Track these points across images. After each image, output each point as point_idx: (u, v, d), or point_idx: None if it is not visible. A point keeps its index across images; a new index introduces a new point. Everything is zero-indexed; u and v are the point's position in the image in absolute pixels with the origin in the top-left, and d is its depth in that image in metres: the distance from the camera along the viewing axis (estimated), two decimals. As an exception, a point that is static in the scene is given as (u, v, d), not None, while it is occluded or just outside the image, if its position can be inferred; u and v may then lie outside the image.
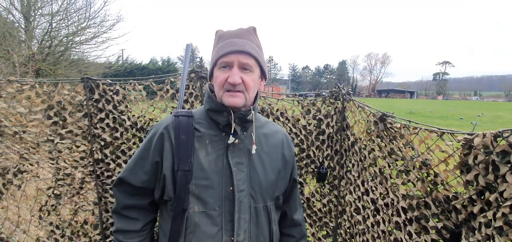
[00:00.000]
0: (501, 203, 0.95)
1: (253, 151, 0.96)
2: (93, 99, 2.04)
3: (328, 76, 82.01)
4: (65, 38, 9.54)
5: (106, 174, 2.12)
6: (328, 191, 2.01)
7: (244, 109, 0.93)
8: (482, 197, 1.05)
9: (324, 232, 2.09)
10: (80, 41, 10.14)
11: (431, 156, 1.28)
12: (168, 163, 0.92)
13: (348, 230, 1.91)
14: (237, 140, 0.95)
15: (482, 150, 1.00)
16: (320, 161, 1.95)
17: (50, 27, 8.85)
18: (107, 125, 2.08)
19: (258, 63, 0.93)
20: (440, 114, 20.82)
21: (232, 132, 0.93)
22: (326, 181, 2.00)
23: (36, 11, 8.95)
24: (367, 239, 1.70)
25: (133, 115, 2.12)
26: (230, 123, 0.92)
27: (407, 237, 1.42)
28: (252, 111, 0.96)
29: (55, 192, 2.01)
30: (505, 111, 26.44)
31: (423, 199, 1.32)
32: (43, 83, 1.91)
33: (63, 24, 9.29)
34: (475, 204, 1.08)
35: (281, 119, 2.00)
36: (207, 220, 0.90)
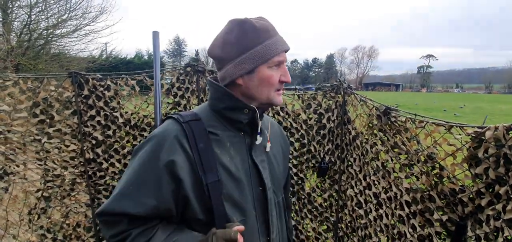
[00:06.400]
0: (511, 196, 0.95)
1: (268, 149, 0.93)
2: (83, 96, 1.93)
3: (317, 69, 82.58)
4: (45, 31, 9.08)
5: (98, 174, 2.02)
6: (328, 185, 2.00)
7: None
8: (491, 190, 1.05)
9: (325, 227, 2.08)
10: (61, 34, 9.67)
11: (437, 149, 1.28)
12: (188, 180, 0.77)
13: (349, 224, 1.91)
14: (262, 138, 0.90)
15: (493, 143, 0.99)
16: (321, 156, 1.93)
17: (29, 19, 8.38)
18: (98, 122, 1.97)
19: None
20: (425, 106, 21.40)
21: (259, 130, 0.88)
22: (326, 176, 1.98)
23: (13, 2, 8.46)
24: (369, 233, 1.70)
25: (126, 112, 2.02)
26: (251, 121, 0.87)
27: (411, 230, 1.42)
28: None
29: (44, 194, 1.90)
30: (485, 103, 27.52)
31: (428, 192, 1.32)
32: (27, 78, 1.78)
33: (43, 16, 8.81)
34: (483, 197, 1.08)
35: (281, 114, 1.96)
36: (246, 227, 0.82)
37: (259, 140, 0.88)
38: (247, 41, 0.81)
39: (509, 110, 19.55)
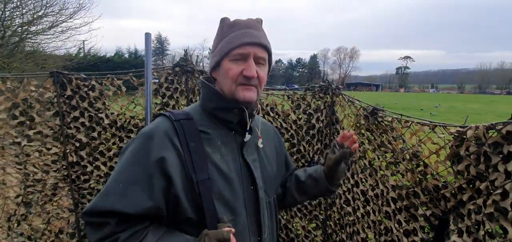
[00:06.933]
0: (491, 191, 1.02)
1: (260, 145, 0.94)
2: (65, 96, 1.85)
3: (301, 69, 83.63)
4: (20, 28, 8.60)
5: (82, 177, 1.95)
6: (317, 184, 2.04)
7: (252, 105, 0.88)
8: (472, 186, 1.12)
9: (314, 225, 2.12)
10: (36, 31, 9.20)
11: (421, 147, 1.34)
12: (178, 178, 0.76)
13: (338, 222, 1.95)
14: (250, 136, 0.90)
15: (474, 141, 1.06)
16: (311, 155, 1.97)
17: (3, 15, 7.91)
18: (82, 124, 1.90)
19: (269, 58, 0.89)
20: (403, 106, 22.24)
21: (248, 128, 0.88)
22: (315, 175, 2.02)
23: (-16, -3, 7.95)
24: (357, 229, 1.76)
25: (112, 113, 1.96)
26: (241, 121, 0.87)
27: (396, 225, 1.48)
28: (258, 106, 0.93)
29: (24, 199, 1.81)
30: (459, 102, 29.05)
31: (413, 189, 1.38)
32: (7, 78, 1.69)
33: (18, 13, 8.33)
34: (464, 192, 1.14)
35: (271, 114, 1.97)
36: (237, 227, 0.82)
37: (247, 137, 0.88)
38: (219, 36, 0.87)
39: (480, 109, 20.75)
